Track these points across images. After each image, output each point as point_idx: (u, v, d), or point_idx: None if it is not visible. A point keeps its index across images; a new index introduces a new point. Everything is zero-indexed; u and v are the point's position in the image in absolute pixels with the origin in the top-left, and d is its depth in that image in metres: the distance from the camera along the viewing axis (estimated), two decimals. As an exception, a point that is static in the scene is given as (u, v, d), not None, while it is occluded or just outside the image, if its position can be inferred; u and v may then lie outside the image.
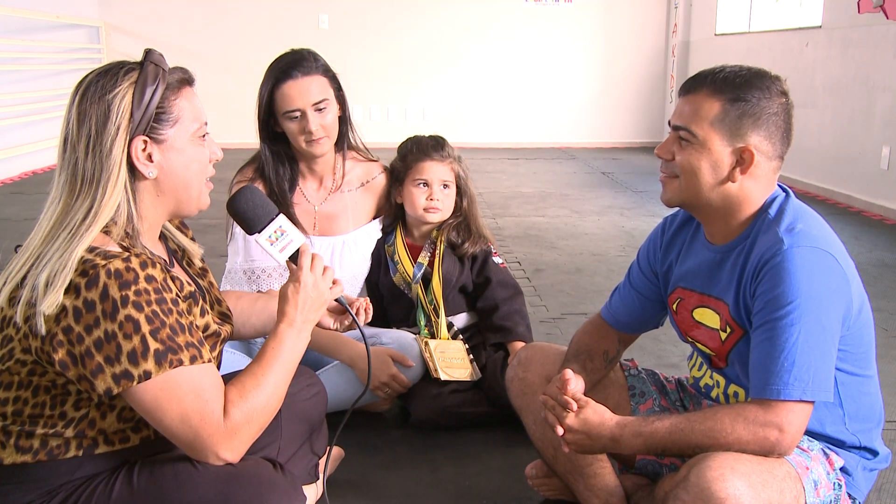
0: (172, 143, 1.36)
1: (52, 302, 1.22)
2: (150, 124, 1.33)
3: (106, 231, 1.31)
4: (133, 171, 1.34)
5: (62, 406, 1.32)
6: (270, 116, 2.29)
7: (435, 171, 2.43)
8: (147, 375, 1.25)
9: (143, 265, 1.28)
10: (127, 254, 1.28)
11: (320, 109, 2.26)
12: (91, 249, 1.27)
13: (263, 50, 8.88)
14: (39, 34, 7.76)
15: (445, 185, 2.44)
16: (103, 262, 1.24)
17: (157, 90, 1.33)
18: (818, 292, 1.46)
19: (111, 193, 1.30)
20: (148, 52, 1.37)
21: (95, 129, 1.30)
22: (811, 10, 6.74)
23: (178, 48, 8.45)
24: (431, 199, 2.41)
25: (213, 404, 1.30)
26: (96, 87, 1.31)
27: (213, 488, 1.33)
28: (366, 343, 1.68)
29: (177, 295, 1.34)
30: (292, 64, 2.25)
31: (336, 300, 1.55)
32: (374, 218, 2.52)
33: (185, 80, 1.39)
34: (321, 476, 1.89)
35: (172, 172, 1.37)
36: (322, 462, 1.87)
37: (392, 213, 2.52)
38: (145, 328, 1.25)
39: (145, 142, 1.33)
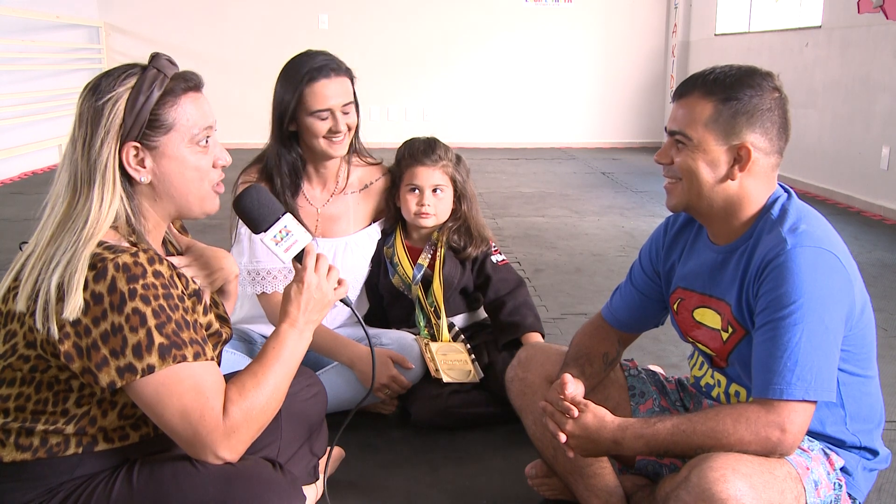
0: (165, 149, 1.36)
1: (73, 307, 1.23)
2: (142, 130, 1.33)
3: (114, 227, 1.33)
4: (129, 175, 1.35)
5: (64, 403, 1.33)
6: (287, 115, 2.27)
7: (425, 176, 2.42)
8: (151, 369, 1.26)
9: (151, 261, 1.29)
10: (135, 248, 1.29)
11: (346, 112, 2.26)
12: (100, 244, 1.28)
13: (263, 50, 8.95)
14: (39, 34, 7.76)
15: (438, 190, 2.44)
16: (112, 256, 1.26)
17: (151, 97, 1.32)
18: (821, 292, 1.45)
19: (109, 199, 1.31)
20: (154, 57, 1.37)
21: (89, 131, 1.31)
22: (811, 11, 6.74)
23: (178, 48, 8.41)
24: (422, 205, 2.41)
25: (213, 402, 1.31)
26: (95, 90, 1.33)
27: (212, 488, 1.33)
28: (371, 345, 1.69)
29: (182, 292, 1.35)
30: (325, 63, 2.23)
31: (341, 300, 1.54)
32: (375, 220, 2.52)
33: (190, 85, 1.39)
34: (321, 476, 1.89)
35: (166, 179, 1.37)
36: (322, 462, 1.87)
37: (392, 215, 2.52)
38: (151, 322, 1.26)
39: (136, 148, 1.34)
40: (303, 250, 1.49)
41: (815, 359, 1.44)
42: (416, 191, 2.43)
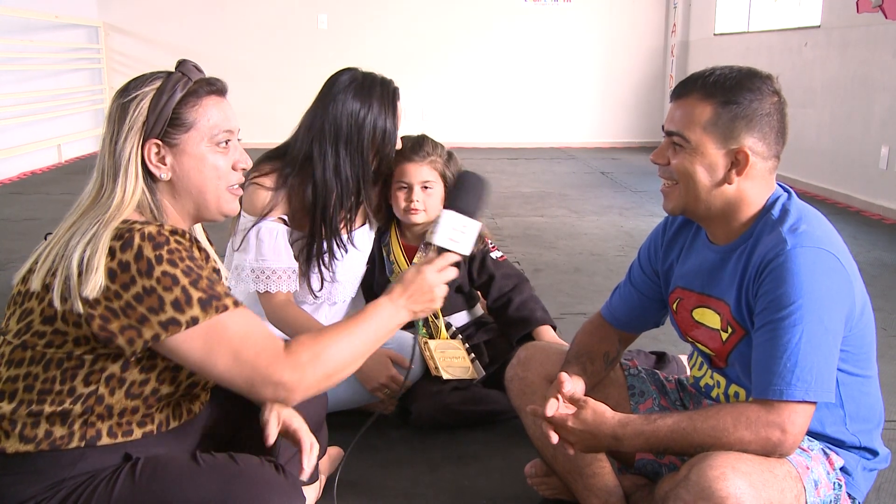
0: (185, 147, 1.41)
1: (94, 285, 1.26)
2: (164, 129, 1.39)
3: (138, 210, 1.39)
4: (150, 171, 1.41)
5: (72, 381, 1.34)
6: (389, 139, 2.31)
7: (414, 172, 2.42)
8: (195, 321, 1.29)
9: (174, 232, 1.34)
10: (159, 223, 1.35)
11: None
12: (124, 222, 1.33)
13: (262, 49, 8.94)
14: (39, 34, 7.76)
15: (427, 186, 2.43)
16: (138, 227, 1.31)
17: (174, 96, 1.39)
18: (821, 293, 1.45)
19: (132, 192, 1.37)
20: (181, 63, 1.44)
21: (115, 128, 1.39)
22: (810, 10, 6.74)
23: (177, 48, 8.45)
24: (410, 201, 2.41)
25: (266, 339, 1.34)
26: (124, 91, 1.40)
27: (214, 487, 1.34)
28: (413, 345, 1.73)
29: (202, 262, 1.39)
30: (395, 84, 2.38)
31: (412, 321, 1.58)
32: (370, 218, 2.51)
33: (213, 89, 1.45)
34: (322, 477, 1.89)
35: (185, 176, 1.43)
36: (322, 463, 1.88)
37: (385, 214, 2.52)
38: (184, 280, 1.30)
39: (158, 145, 1.40)
40: (448, 251, 1.55)
41: (815, 359, 1.44)
42: (406, 188, 2.43)
